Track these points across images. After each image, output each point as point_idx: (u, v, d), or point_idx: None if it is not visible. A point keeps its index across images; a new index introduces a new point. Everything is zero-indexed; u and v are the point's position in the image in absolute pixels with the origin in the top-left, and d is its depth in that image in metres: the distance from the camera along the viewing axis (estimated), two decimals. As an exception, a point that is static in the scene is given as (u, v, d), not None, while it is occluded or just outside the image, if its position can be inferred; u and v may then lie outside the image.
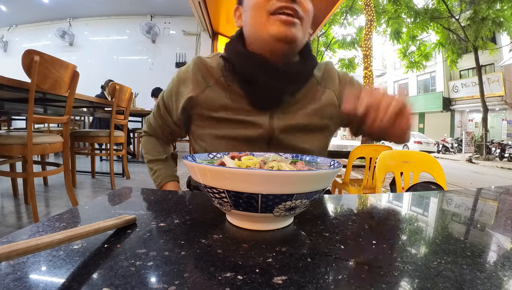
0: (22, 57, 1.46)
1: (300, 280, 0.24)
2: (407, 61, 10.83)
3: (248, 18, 0.60)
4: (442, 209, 0.53)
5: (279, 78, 0.60)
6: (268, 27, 0.57)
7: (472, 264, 0.28)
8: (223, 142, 0.64)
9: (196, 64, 0.66)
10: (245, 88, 0.63)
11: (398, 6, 8.97)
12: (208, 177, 0.33)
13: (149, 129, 0.79)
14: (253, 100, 0.63)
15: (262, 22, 0.57)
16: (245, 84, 0.62)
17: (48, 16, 6.63)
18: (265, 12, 0.57)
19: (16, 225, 1.66)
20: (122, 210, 0.42)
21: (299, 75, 0.63)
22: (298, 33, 0.58)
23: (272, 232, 0.35)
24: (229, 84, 0.63)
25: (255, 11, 0.58)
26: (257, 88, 0.61)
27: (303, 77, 0.65)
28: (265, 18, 0.57)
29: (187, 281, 0.23)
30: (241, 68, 0.62)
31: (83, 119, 5.17)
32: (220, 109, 0.63)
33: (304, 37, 0.61)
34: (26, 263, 0.25)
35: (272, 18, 0.56)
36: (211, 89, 0.64)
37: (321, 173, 0.32)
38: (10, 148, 1.52)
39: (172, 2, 5.91)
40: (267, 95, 0.62)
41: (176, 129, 0.74)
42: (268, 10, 0.56)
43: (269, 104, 0.63)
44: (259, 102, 0.63)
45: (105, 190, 2.62)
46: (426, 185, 1.14)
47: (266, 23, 0.57)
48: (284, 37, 0.57)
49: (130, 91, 2.89)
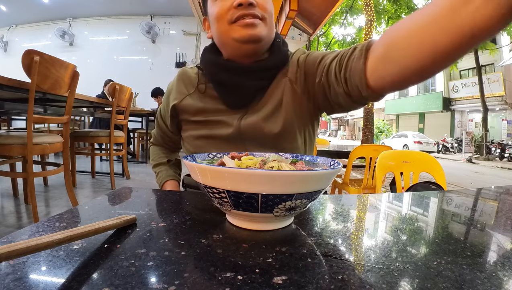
0: (22, 57, 1.46)
1: (300, 280, 0.24)
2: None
3: (214, 29, 0.64)
4: (442, 209, 0.53)
5: (244, 77, 0.63)
6: (232, 34, 0.60)
7: (472, 264, 0.28)
8: (202, 141, 0.68)
9: (179, 76, 0.73)
10: (219, 91, 0.67)
11: (398, 6, 8.97)
12: (208, 177, 0.33)
13: (154, 140, 0.88)
14: (226, 101, 0.66)
15: (226, 30, 0.61)
16: (218, 87, 0.67)
17: (48, 16, 6.63)
18: (226, 21, 0.60)
19: (16, 225, 1.66)
20: (122, 210, 0.42)
21: (262, 71, 0.64)
22: (262, 32, 0.60)
23: (272, 232, 0.35)
24: (205, 90, 0.69)
25: (218, 22, 0.61)
26: (228, 89, 0.65)
27: (266, 72, 0.65)
28: (228, 27, 0.60)
29: (187, 281, 0.23)
30: (211, 74, 0.67)
31: (83, 119, 5.17)
32: (198, 113, 0.68)
33: (270, 33, 0.63)
34: (26, 263, 0.25)
35: (234, 26, 0.59)
36: (191, 96, 0.70)
37: (321, 173, 0.32)
38: (10, 148, 1.52)
39: (172, 2, 5.91)
40: (237, 95, 0.65)
41: (174, 137, 0.81)
42: (229, 20, 0.59)
43: (240, 103, 0.66)
44: (231, 102, 0.66)
45: (105, 190, 2.62)
46: (426, 185, 1.14)
47: (229, 31, 0.60)
48: (248, 37, 0.59)
49: (130, 91, 2.89)
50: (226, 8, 0.59)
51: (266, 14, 0.61)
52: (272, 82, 0.66)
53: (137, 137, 4.82)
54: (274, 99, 0.65)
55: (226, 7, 0.59)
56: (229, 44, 0.62)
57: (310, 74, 0.63)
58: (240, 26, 0.59)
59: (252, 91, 0.65)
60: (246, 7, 0.58)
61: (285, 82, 0.66)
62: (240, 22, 0.59)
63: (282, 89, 0.65)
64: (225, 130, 0.66)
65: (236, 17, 0.59)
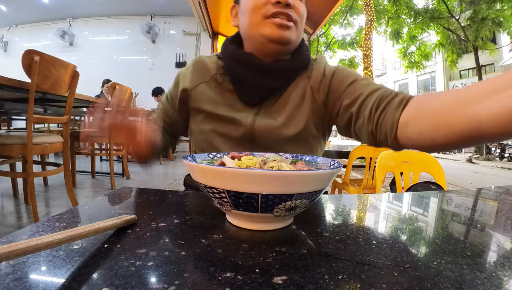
0: (22, 57, 1.46)
1: (300, 280, 0.24)
2: (407, 61, 10.83)
3: (245, 19, 0.62)
4: (442, 209, 0.53)
5: (262, 74, 0.63)
6: (263, 29, 0.59)
7: (472, 264, 0.28)
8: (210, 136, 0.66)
9: (196, 62, 0.70)
10: (235, 84, 0.65)
11: (398, 6, 8.97)
12: (208, 177, 0.33)
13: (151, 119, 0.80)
14: (240, 96, 0.65)
15: (257, 24, 0.60)
16: (235, 81, 0.65)
17: (48, 16, 6.62)
18: (261, 15, 0.59)
19: (16, 225, 1.66)
20: (122, 210, 0.42)
21: (281, 71, 0.64)
22: (292, 36, 0.60)
23: (272, 232, 0.35)
24: (222, 81, 0.67)
25: (251, 14, 0.60)
26: (244, 84, 0.64)
27: (285, 73, 0.64)
28: (261, 21, 0.59)
29: (187, 281, 0.23)
30: (230, 66, 0.65)
31: (83, 119, 5.17)
32: (210, 102, 0.66)
33: (298, 38, 0.64)
34: (26, 263, 0.25)
35: (267, 21, 0.59)
36: (205, 84, 0.68)
37: (321, 173, 0.32)
38: (10, 148, 1.52)
39: (172, 2, 5.90)
40: (253, 91, 0.64)
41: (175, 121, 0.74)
42: (264, 14, 0.59)
43: (255, 100, 0.65)
44: (246, 98, 0.65)
45: (105, 190, 2.62)
46: (426, 185, 1.14)
47: (261, 25, 0.59)
48: (278, 38, 0.59)
49: (130, 91, 2.89)
50: (264, 1, 0.58)
51: (299, 18, 0.61)
52: (291, 84, 0.66)
53: (137, 137, 4.81)
54: (292, 104, 0.64)
55: (264, 1, 0.58)
56: (256, 38, 0.61)
57: (335, 91, 0.63)
58: (273, 23, 0.58)
59: (268, 89, 0.64)
60: (283, 6, 0.58)
61: (306, 88, 0.65)
62: (274, 20, 0.58)
63: (302, 94, 0.65)
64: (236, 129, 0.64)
65: (272, 14, 0.58)
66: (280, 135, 0.63)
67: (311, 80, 0.65)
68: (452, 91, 0.39)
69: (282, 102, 0.65)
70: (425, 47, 10.53)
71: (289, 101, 0.65)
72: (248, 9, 0.61)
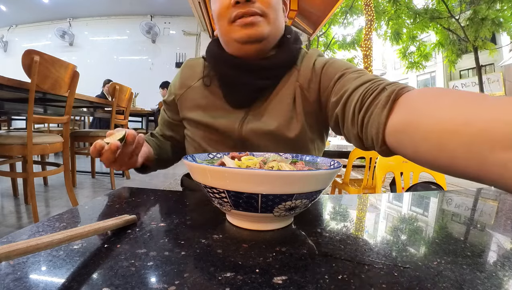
0: (22, 57, 1.46)
1: (300, 280, 0.24)
2: (407, 61, 10.83)
3: (217, 28, 0.61)
4: (442, 209, 0.53)
5: (247, 74, 0.60)
6: (232, 34, 0.57)
7: (472, 264, 0.28)
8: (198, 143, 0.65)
9: (183, 67, 0.71)
10: (222, 86, 0.63)
11: (398, 6, 8.97)
12: (208, 177, 0.33)
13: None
14: (229, 98, 0.63)
15: (226, 30, 0.58)
16: (222, 83, 0.63)
17: (48, 16, 6.63)
18: (226, 21, 0.57)
19: (16, 225, 1.66)
20: (122, 210, 0.42)
21: (266, 70, 0.60)
22: (263, 30, 0.56)
23: (272, 232, 0.35)
24: (209, 84, 0.65)
25: (219, 22, 0.59)
26: (232, 85, 0.62)
27: (271, 71, 0.60)
28: (228, 27, 0.57)
29: (187, 281, 0.23)
30: (215, 68, 0.64)
31: (83, 119, 5.17)
32: (196, 108, 0.65)
33: (275, 30, 0.59)
34: (26, 263, 0.25)
35: (233, 25, 0.57)
36: (192, 89, 0.67)
37: (321, 173, 0.32)
38: (10, 148, 1.52)
39: (172, 2, 5.91)
40: (240, 92, 0.61)
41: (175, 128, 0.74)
42: (229, 19, 0.57)
43: (242, 102, 0.62)
44: (234, 100, 0.62)
45: (105, 190, 2.62)
46: (426, 185, 1.14)
47: (230, 31, 0.57)
48: (247, 38, 0.56)
49: (130, 91, 2.89)
50: (225, 6, 0.56)
51: (269, 10, 0.56)
52: (279, 83, 0.62)
53: (137, 137, 4.81)
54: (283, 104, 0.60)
55: (225, 6, 0.56)
56: (231, 44, 0.59)
57: (325, 88, 0.57)
58: (239, 26, 0.55)
59: (255, 90, 0.61)
60: (244, 5, 0.54)
61: (295, 87, 0.60)
62: (239, 22, 0.55)
63: (292, 94, 0.60)
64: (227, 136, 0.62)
65: (235, 16, 0.55)
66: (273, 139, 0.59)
67: (300, 78, 0.60)
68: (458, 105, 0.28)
69: (271, 104, 0.61)
70: (425, 47, 10.54)
71: (279, 101, 0.60)
72: (216, 18, 0.59)
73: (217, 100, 0.64)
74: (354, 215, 0.45)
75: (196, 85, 0.66)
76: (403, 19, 9.43)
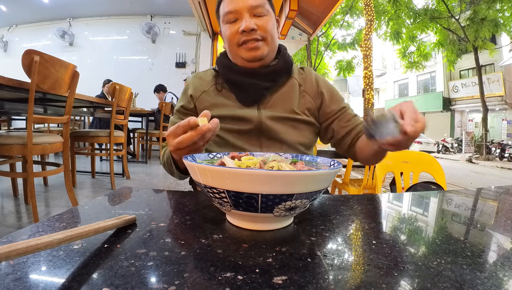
0: (22, 57, 1.46)
1: (300, 280, 0.24)
2: (406, 61, 10.84)
3: (226, 46, 0.77)
4: (442, 209, 0.53)
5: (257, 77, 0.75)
6: (240, 53, 0.73)
7: (472, 264, 0.28)
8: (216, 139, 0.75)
9: (194, 78, 0.83)
10: (234, 90, 0.77)
11: (397, 7, 8.97)
12: (208, 177, 0.33)
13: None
14: (241, 98, 0.76)
15: (234, 50, 0.74)
16: (233, 87, 0.77)
17: (48, 16, 6.62)
18: (235, 44, 0.73)
19: (16, 225, 1.66)
20: (122, 210, 0.42)
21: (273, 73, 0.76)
22: (264, 51, 0.73)
23: (272, 232, 0.35)
24: (221, 89, 0.78)
25: (228, 43, 0.75)
26: (242, 87, 0.75)
27: (278, 75, 0.77)
28: (236, 48, 0.73)
29: (187, 281, 0.23)
30: (227, 76, 0.77)
31: (83, 119, 5.17)
32: (214, 107, 0.76)
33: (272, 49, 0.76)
34: (26, 263, 0.25)
35: (241, 48, 0.73)
36: (206, 93, 0.79)
37: (321, 173, 0.32)
38: (10, 148, 1.52)
39: (172, 2, 5.90)
40: (251, 92, 0.75)
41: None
42: (237, 43, 0.72)
43: (254, 99, 0.76)
44: (246, 99, 0.76)
45: (105, 190, 2.62)
46: (426, 185, 1.14)
47: (238, 51, 0.73)
48: (252, 58, 0.72)
49: (130, 91, 2.89)
50: (234, 33, 0.72)
51: (267, 34, 0.73)
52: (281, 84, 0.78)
53: (137, 137, 4.81)
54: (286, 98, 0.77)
55: (234, 32, 0.72)
56: (239, 60, 0.75)
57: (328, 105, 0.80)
58: (245, 49, 0.72)
59: (262, 89, 0.76)
60: (248, 33, 0.70)
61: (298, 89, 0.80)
62: (245, 46, 0.72)
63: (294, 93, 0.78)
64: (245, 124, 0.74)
65: (242, 42, 0.71)
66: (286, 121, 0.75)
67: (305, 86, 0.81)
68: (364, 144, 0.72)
69: (278, 98, 0.77)
70: (425, 47, 10.54)
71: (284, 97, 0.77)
72: (226, 39, 0.75)
73: (231, 102, 0.77)
74: (354, 215, 0.45)
75: (209, 90, 0.79)
76: (403, 19, 9.43)
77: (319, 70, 10.77)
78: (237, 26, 0.71)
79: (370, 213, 0.48)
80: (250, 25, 0.69)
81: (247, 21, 0.70)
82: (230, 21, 0.73)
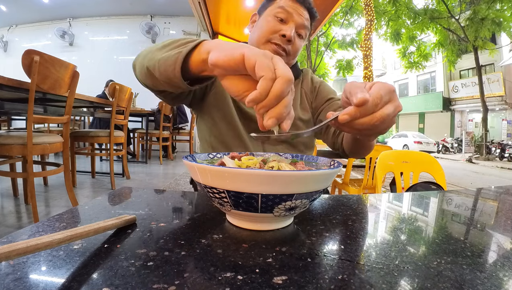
0: (22, 57, 1.46)
1: (300, 280, 0.24)
2: (406, 61, 10.84)
3: (255, 33, 0.78)
4: (442, 209, 0.53)
5: None
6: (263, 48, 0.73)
7: (472, 264, 0.28)
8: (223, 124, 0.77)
9: None
10: None
11: (397, 7, 8.97)
12: (208, 177, 0.33)
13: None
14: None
15: (261, 42, 0.74)
16: None
17: (48, 16, 6.62)
18: (266, 38, 0.74)
19: (16, 225, 1.66)
20: (122, 210, 0.42)
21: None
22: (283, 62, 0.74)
23: (272, 232, 0.35)
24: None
25: (261, 33, 0.75)
26: None
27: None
28: (264, 42, 0.74)
29: (187, 281, 0.23)
30: None
31: (83, 119, 5.17)
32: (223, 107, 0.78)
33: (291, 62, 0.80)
34: (26, 263, 0.25)
35: (268, 44, 0.74)
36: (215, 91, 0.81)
37: (321, 173, 0.32)
38: (10, 148, 1.52)
39: (172, 2, 5.90)
40: None
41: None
42: (269, 39, 0.73)
43: None
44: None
45: (105, 190, 2.62)
46: (426, 185, 1.14)
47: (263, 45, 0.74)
48: None
49: (130, 91, 2.89)
50: (274, 30, 0.73)
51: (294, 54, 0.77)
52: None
53: (137, 137, 4.82)
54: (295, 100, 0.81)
55: (273, 30, 0.73)
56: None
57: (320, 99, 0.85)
58: (271, 48, 0.73)
59: None
60: (285, 41, 0.73)
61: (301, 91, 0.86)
62: (273, 46, 0.73)
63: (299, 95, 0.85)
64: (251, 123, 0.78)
65: (274, 41, 0.73)
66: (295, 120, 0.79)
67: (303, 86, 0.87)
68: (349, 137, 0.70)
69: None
70: (425, 47, 10.54)
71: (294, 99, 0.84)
72: (260, 27, 0.76)
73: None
74: (354, 215, 0.45)
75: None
76: (403, 19, 9.43)
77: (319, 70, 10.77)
78: (281, 26, 0.73)
79: (370, 213, 0.48)
80: (292, 36, 0.72)
81: (292, 31, 0.72)
82: (278, 17, 0.74)
